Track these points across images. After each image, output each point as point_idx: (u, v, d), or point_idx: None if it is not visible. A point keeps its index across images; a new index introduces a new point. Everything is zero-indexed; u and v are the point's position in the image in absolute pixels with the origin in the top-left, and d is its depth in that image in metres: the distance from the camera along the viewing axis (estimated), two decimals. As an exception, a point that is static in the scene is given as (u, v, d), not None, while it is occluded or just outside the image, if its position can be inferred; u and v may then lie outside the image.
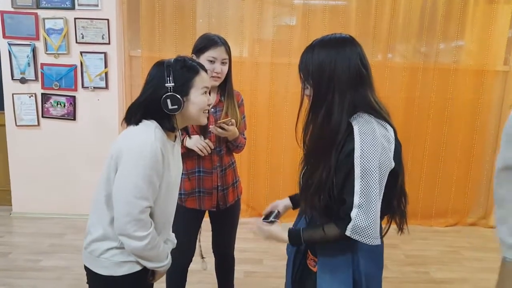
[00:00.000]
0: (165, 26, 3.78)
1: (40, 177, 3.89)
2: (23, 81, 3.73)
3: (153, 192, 1.38)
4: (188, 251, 2.15)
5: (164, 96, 1.38)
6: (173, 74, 1.40)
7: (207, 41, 1.97)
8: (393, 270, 3.15)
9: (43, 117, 3.81)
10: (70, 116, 3.80)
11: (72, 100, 3.77)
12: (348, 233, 1.24)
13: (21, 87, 3.75)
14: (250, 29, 3.82)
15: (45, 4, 3.62)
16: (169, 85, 1.39)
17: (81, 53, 3.69)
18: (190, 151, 1.99)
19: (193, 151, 1.98)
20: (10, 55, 3.69)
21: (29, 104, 3.78)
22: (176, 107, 1.39)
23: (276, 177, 4.02)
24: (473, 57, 3.87)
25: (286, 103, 3.88)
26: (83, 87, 3.75)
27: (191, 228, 2.14)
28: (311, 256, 1.46)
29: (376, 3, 3.75)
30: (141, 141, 1.35)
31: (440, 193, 4.09)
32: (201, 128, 1.95)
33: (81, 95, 3.78)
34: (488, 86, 3.92)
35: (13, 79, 3.73)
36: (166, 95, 1.38)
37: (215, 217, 2.21)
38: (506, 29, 3.89)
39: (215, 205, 2.09)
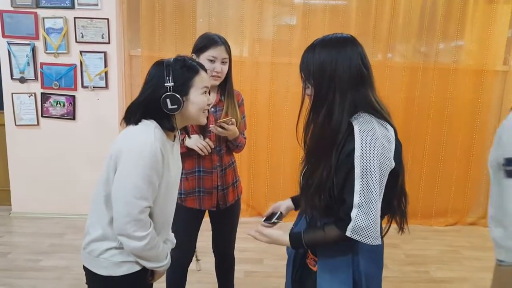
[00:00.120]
0: (165, 25, 3.78)
1: (40, 177, 3.89)
2: (22, 80, 3.72)
3: (152, 192, 1.38)
4: (188, 251, 2.14)
5: (163, 96, 1.38)
6: (172, 73, 1.39)
7: (207, 41, 1.97)
8: (393, 269, 3.15)
9: (42, 116, 3.80)
10: (70, 115, 3.80)
11: (71, 99, 3.77)
12: (348, 233, 1.24)
13: (20, 87, 3.74)
14: (250, 28, 3.81)
15: (44, 3, 3.61)
16: (169, 84, 1.38)
17: (80, 52, 3.69)
18: (190, 151, 1.99)
19: (193, 150, 1.97)
20: (9, 54, 3.69)
21: (29, 104, 3.77)
22: (175, 106, 1.39)
23: (276, 177, 4.02)
24: (473, 57, 3.87)
25: (286, 102, 3.88)
26: (83, 86, 3.75)
27: (191, 227, 2.14)
28: (311, 256, 1.46)
29: (376, 3, 3.75)
30: (140, 141, 1.35)
31: (440, 192, 4.09)
32: (200, 127, 1.95)
33: (80, 95, 3.77)
34: (488, 86, 3.92)
35: (13, 78, 3.73)
36: (166, 94, 1.38)
37: (215, 216, 2.21)
38: (505, 29, 3.89)
39: (215, 204, 2.08)
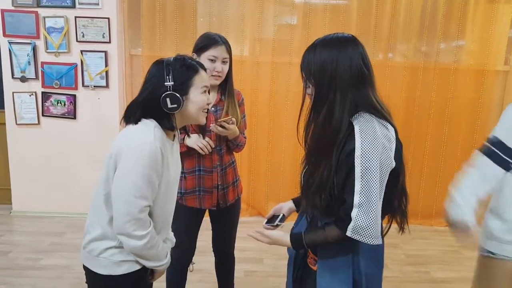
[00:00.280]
0: (165, 25, 3.78)
1: (40, 176, 3.89)
2: (23, 79, 3.72)
3: (152, 191, 1.38)
4: (188, 250, 2.14)
5: (163, 95, 1.37)
6: (172, 73, 1.39)
7: (208, 40, 1.97)
8: (394, 269, 3.15)
9: (43, 115, 3.81)
10: (71, 114, 3.80)
11: (72, 98, 3.77)
12: (348, 233, 1.24)
13: (21, 86, 3.75)
14: (251, 28, 3.81)
15: (45, 2, 3.62)
16: (169, 84, 1.38)
17: (81, 51, 3.69)
18: (191, 150, 1.99)
19: (194, 150, 1.97)
20: (10, 53, 3.69)
21: (30, 103, 3.77)
22: (175, 106, 1.39)
23: (276, 177, 4.02)
24: (474, 56, 3.86)
25: (287, 102, 3.88)
26: (84, 85, 3.75)
27: (191, 227, 2.14)
28: (311, 255, 1.46)
29: (377, 2, 3.74)
30: (140, 140, 1.35)
31: (440, 192, 4.08)
32: (200, 127, 1.95)
33: (81, 94, 3.78)
34: (489, 85, 3.91)
35: (14, 77, 3.73)
36: (166, 94, 1.37)
37: (215, 216, 2.21)
38: (506, 28, 3.88)
39: (215, 204, 2.08)
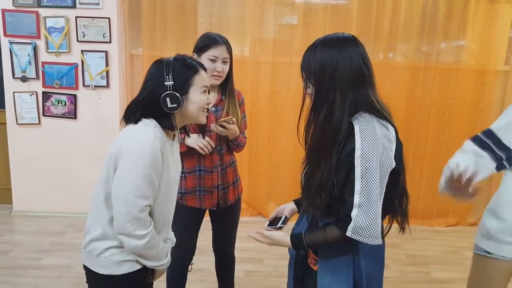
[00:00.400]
0: (166, 25, 3.78)
1: (41, 176, 3.90)
2: (24, 79, 3.73)
3: (152, 191, 1.38)
4: (188, 250, 2.15)
5: (163, 95, 1.38)
6: (172, 72, 1.39)
7: (208, 40, 1.97)
8: (394, 270, 3.15)
9: (44, 115, 3.81)
10: (71, 114, 3.80)
11: (73, 98, 3.77)
12: (349, 233, 1.24)
13: (22, 86, 3.75)
14: (251, 28, 3.81)
15: (46, 2, 3.62)
16: (169, 83, 1.38)
17: (82, 51, 3.69)
18: (191, 150, 1.99)
19: (194, 149, 1.97)
20: (11, 53, 3.69)
21: (30, 103, 3.78)
22: (175, 105, 1.39)
23: (276, 177, 4.02)
24: (474, 56, 3.86)
25: (287, 102, 3.88)
26: (84, 85, 3.75)
27: (191, 226, 2.14)
28: (312, 255, 1.46)
29: (378, 2, 3.74)
30: (140, 140, 1.35)
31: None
32: (200, 127, 1.95)
33: (82, 94, 3.78)
34: (489, 86, 3.91)
35: (14, 77, 3.73)
36: (166, 93, 1.38)
37: (215, 216, 2.22)
38: (507, 28, 3.88)
39: (215, 204, 2.09)
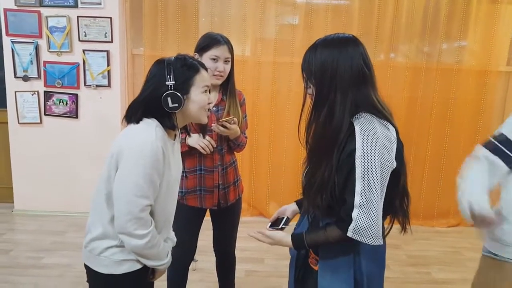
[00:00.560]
0: (167, 24, 3.78)
1: (42, 175, 3.90)
2: (25, 78, 3.73)
3: (153, 190, 1.38)
4: (189, 250, 2.15)
5: (164, 94, 1.38)
6: (173, 72, 1.39)
7: (210, 40, 1.97)
8: (395, 270, 3.15)
9: (45, 115, 3.81)
10: (73, 114, 3.81)
11: (74, 98, 3.78)
12: (349, 234, 1.24)
13: (23, 85, 3.75)
14: (253, 28, 3.81)
15: (48, 2, 3.62)
16: (170, 83, 1.38)
17: (83, 51, 3.70)
18: (192, 149, 1.99)
19: (195, 149, 1.98)
20: (13, 52, 3.69)
21: (32, 102, 3.78)
22: (176, 105, 1.39)
23: (277, 177, 4.02)
24: (476, 57, 3.85)
25: (288, 102, 3.88)
26: (86, 85, 3.76)
27: (192, 226, 2.14)
28: (312, 255, 1.46)
29: (379, 3, 3.74)
30: (141, 140, 1.35)
31: (442, 193, 4.07)
32: (201, 126, 1.95)
33: (83, 93, 3.78)
34: (491, 86, 3.90)
35: (16, 76, 3.74)
36: (167, 93, 1.38)
37: (216, 215, 2.22)
38: (509, 29, 3.87)
39: (216, 203, 2.09)
